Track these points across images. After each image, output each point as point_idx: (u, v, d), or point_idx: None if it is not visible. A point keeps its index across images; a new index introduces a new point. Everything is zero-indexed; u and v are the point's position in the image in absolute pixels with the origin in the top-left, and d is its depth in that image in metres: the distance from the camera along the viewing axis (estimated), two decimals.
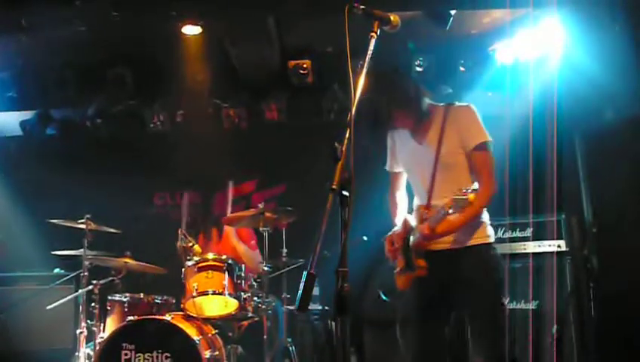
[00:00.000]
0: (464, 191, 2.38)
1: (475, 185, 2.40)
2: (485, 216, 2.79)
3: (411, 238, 2.76)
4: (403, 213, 2.98)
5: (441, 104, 2.83)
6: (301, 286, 1.62)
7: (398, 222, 2.92)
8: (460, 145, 2.71)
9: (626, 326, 3.98)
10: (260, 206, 4.11)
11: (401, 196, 3.04)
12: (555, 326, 4.22)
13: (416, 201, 2.92)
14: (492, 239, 2.78)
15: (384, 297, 4.80)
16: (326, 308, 4.85)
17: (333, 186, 1.75)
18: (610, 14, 4.25)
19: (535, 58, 4.95)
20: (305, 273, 1.61)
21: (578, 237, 4.56)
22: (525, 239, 4.56)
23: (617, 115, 4.61)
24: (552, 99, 4.50)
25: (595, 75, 4.37)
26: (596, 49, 4.31)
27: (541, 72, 4.87)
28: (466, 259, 2.69)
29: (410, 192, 3.02)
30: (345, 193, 1.78)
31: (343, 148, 1.82)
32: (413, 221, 2.83)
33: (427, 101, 2.81)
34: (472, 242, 2.71)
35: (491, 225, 2.83)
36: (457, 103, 2.82)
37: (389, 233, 2.88)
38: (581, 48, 4.48)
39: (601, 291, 4.35)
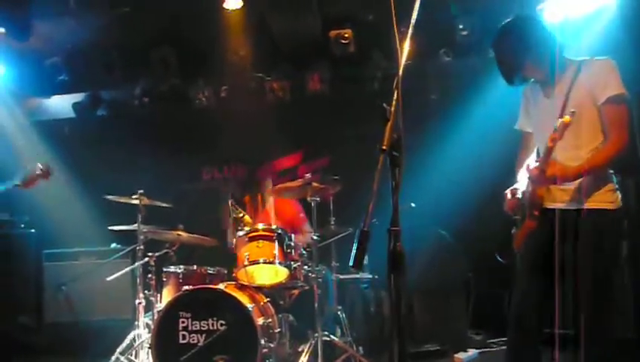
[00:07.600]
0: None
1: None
2: (611, 178, 2.61)
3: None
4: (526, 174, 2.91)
5: (578, 58, 2.67)
6: (355, 243, 1.63)
7: (521, 180, 2.87)
8: (589, 97, 2.55)
9: None
10: (307, 176, 4.14)
11: (528, 157, 2.94)
12: None
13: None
14: (615, 206, 2.57)
15: (500, 259, 4.72)
16: (376, 276, 4.86)
17: (384, 147, 1.74)
18: None
19: (585, 15, 4.75)
20: (358, 230, 1.63)
21: (634, 199, 4.42)
22: None
23: None
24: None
25: None
26: None
27: (592, 31, 4.67)
28: (581, 223, 2.53)
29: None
30: (395, 153, 1.77)
31: (392, 109, 1.81)
32: None
33: (563, 55, 2.69)
34: (591, 205, 2.53)
35: None
36: (595, 58, 2.63)
37: (511, 187, 2.85)
38: (636, 4, 4.27)
39: None
